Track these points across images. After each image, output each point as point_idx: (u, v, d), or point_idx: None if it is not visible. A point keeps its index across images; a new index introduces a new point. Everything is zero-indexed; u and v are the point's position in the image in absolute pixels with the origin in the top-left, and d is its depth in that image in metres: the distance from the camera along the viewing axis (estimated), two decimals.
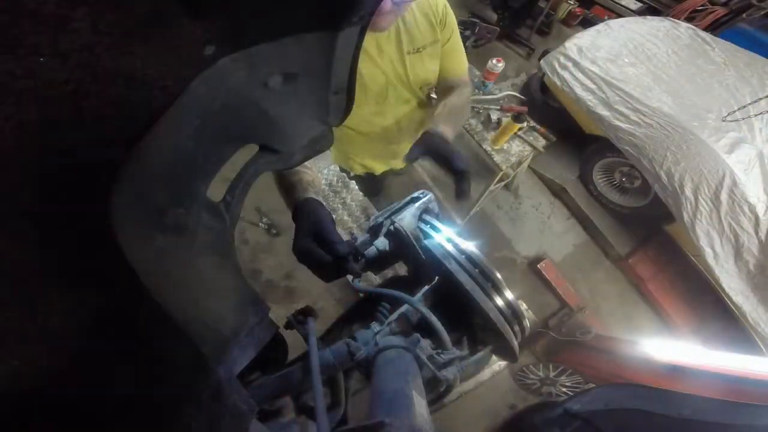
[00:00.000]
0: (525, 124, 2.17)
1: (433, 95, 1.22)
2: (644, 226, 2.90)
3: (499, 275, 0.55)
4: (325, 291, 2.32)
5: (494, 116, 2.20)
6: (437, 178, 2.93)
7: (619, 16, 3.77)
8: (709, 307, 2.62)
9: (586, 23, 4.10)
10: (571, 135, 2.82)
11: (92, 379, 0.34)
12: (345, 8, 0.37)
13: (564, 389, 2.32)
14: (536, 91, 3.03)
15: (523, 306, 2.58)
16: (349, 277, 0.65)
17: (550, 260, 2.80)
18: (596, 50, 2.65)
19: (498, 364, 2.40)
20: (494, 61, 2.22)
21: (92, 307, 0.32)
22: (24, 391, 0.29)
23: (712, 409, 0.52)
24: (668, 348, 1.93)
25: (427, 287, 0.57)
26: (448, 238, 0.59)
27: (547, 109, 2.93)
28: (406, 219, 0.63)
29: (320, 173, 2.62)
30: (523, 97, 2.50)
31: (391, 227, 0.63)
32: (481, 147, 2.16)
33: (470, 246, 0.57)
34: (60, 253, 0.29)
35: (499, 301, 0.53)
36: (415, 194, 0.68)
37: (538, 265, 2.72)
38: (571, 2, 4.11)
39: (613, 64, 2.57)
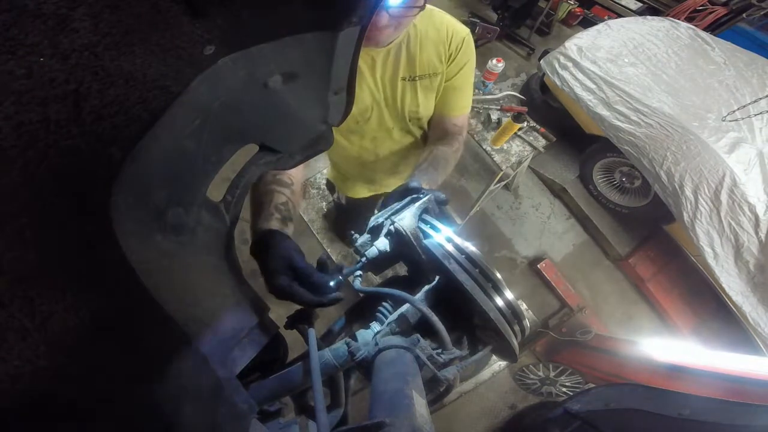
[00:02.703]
0: (525, 124, 2.17)
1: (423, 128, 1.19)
2: (644, 226, 2.90)
3: (499, 275, 0.55)
4: None
5: (494, 116, 2.20)
6: None
7: (619, 16, 3.77)
8: (709, 307, 2.62)
9: (586, 23, 4.10)
10: (571, 135, 2.82)
11: (92, 379, 0.34)
12: (345, 8, 0.37)
13: (564, 389, 2.32)
14: (536, 91, 3.03)
15: (523, 306, 2.58)
16: (350, 277, 0.65)
17: (550, 260, 2.80)
18: (596, 50, 2.65)
19: (498, 364, 2.41)
20: (494, 61, 2.22)
21: (92, 307, 0.32)
22: (24, 391, 0.29)
23: (712, 409, 0.52)
24: (668, 348, 1.93)
25: (427, 287, 0.57)
26: (448, 238, 0.59)
27: (547, 109, 2.93)
28: (406, 219, 0.63)
29: (320, 173, 2.61)
30: (523, 97, 2.50)
31: (392, 227, 0.63)
32: (481, 147, 2.16)
33: (470, 246, 0.57)
34: (60, 253, 0.29)
35: (499, 301, 0.53)
36: (416, 194, 0.68)
37: (538, 265, 2.72)
38: (571, 2, 4.10)
39: (613, 64, 2.57)
